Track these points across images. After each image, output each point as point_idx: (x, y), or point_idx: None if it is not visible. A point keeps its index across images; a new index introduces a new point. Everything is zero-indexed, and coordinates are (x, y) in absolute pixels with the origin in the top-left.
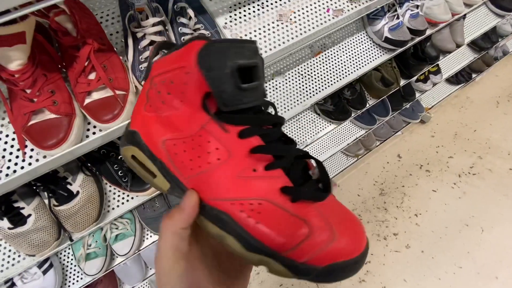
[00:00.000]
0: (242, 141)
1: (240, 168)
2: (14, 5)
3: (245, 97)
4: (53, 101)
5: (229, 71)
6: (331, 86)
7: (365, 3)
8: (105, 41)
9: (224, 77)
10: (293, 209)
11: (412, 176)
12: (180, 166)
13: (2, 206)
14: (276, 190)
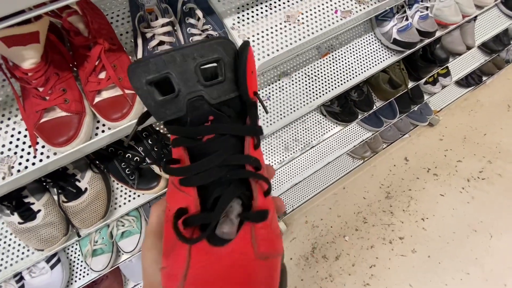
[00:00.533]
0: (173, 150)
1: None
2: (29, 5)
3: (167, 109)
4: (65, 99)
5: (145, 87)
6: (338, 87)
7: (374, 5)
8: (115, 41)
9: (145, 93)
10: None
11: (419, 179)
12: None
13: (13, 201)
14: (177, 207)
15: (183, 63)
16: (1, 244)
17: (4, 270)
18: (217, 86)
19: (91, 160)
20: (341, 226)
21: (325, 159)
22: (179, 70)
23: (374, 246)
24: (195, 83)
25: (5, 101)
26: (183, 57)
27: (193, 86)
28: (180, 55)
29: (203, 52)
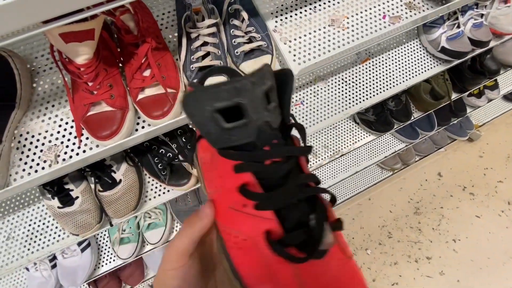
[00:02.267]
0: (236, 175)
1: (232, 200)
2: (88, 4)
3: (233, 135)
4: (111, 94)
5: (209, 115)
6: (376, 96)
7: (426, 11)
8: (161, 40)
9: (205, 120)
10: (272, 258)
11: (453, 197)
12: (206, 182)
13: (55, 187)
14: (260, 232)
15: (252, 90)
16: (41, 225)
17: (41, 250)
18: (274, 110)
19: (127, 153)
20: (363, 238)
21: (353, 168)
22: (250, 97)
23: (398, 263)
24: (262, 109)
25: (56, 92)
26: (252, 85)
27: (261, 112)
28: (250, 83)
29: (264, 79)
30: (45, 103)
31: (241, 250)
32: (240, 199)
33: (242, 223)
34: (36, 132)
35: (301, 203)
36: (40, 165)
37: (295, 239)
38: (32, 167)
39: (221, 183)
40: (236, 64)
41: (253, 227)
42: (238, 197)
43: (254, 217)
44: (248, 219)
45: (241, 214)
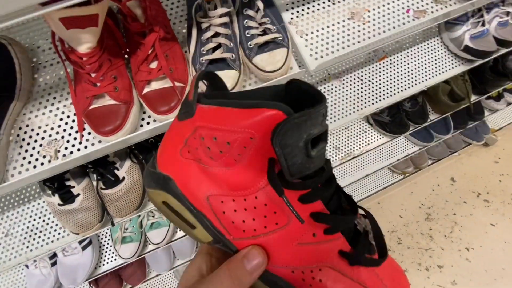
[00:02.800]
0: (303, 206)
1: (300, 234)
2: None
3: (313, 163)
4: (115, 87)
5: (303, 144)
6: (393, 96)
7: (453, 6)
8: (169, 29)
9: (297, 150)
10: (352, 273)
11: (466, 204)
12: (230, 226)
13: (56, 183)
14: (335, 254)
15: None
16: (41, 222)
17: (41, 247)
18: None
19: (131, 149)
20: None
21: (363, 171)
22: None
23: (407, 271)
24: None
25: (58, 83)
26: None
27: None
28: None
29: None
30: (46, 95)
31: (323, 282)
32: (308, 230)
33: (315, 254)
34: (36, 125)
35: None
36: (39, 161)
37: (365, 247)
38: (31, 162)
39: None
40: (249, 57)
41: (328, 253)
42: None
43: (326, 242)
44: (319, 247)
45: (312, 245)
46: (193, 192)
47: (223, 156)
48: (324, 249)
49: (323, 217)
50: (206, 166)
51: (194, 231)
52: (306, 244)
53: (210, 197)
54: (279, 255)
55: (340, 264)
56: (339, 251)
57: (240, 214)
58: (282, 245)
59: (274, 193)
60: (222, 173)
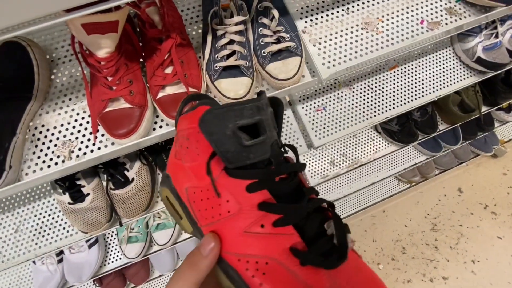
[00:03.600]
0: (250, 195)
1: (248, 223)
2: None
3: (251, 153)
4: (130, 91)
5: (230, 132)
6: (403, 105)
7: (467, 18)
8: (185, 36)
9: (225, 138)
10: (302, 273)
11: (473, 215)
12: (198, 214)
13: (67, 182)
14: (284, 250)
15: (267, 111)
16: (50, 220)
17: (49, 245)
18: (276, 131)
19: (141, 151)
20: (376, 252)
21: (369, 179)
22: (265, 117)
23: (411, 281)
24: (272, 128)
25: (74, 85)
26: (266, 106)
27: (272, 131)
28: (265, 104)
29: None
30: (62, 96)
31: (266, 275)
32: (257, 220)
33: (262, 245)
34: (52, 125)
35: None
36: (53, 160)
37: (321, 248)
38: (45, 162)
39: (228, 207)
40: (262, 65)
41: (276, 247)
42: (254, 218)
43: (275, 235)
44: (268, 240)
45: (260, 236)
46: (179, 186)
47: (189, 151)
48: (273, 242)
49: (269, 205)
50: (184, 162)
51: (182, 221)
52: (253, 233)
53: (188, 188)
54: (229, 241)
55: (290, 261)
56: (290, 247)
57: (205, 202)
58: (231, 232)
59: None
60: (191, 167)
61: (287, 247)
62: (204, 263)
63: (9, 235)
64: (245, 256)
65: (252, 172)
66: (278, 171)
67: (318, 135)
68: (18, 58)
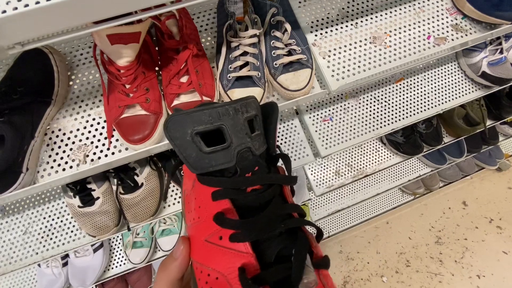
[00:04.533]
0: (213, 203)
1: (209, 232)
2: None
3: (213, 159)
4: (146, 98)
5: (189, 138)
6: (409, 117)
7: (473, 34)
8: (200, 47)
9: (186, 143)
10: None
11: (478, 229)
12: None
13: (78, 186)
14: (234, 268)
15: (234, 116)
16: (58, 223)
17: (57, 248)
18: (257, 138)
19: (151, 157)
20: (379, 264)
21: (374, 190)
22: (231, 123)
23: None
24: (244, 135)
25: (91, 91)
26: (235, 111)
27: (243, 138)
28: (232, 109)
29: (247, 108)
30: (80, 101)
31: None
32: (217, 230)
33: (216, 258)
34: (68, 130)
35: (282, 235)
36: (68, 164)
37: (273, 276)
38: (61, 165)
39: (198, 213)
40: (274, 76)
41: (227, 263)
42: (214, 227)
43: (229, 251)
44: (223, 254)
45: (216, 248)
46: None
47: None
48: (227, 257)
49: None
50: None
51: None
52: (212, 244)
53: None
54: (194, 247)
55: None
56: (240, 267)
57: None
58: (196, 238)
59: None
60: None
61: (237, 266)
62: (174, 264)
63: (17, 237)
64: (201, 265)
65: (215, 179)
66: (243, 180)
67: (324, 144)
68: (40, 65)
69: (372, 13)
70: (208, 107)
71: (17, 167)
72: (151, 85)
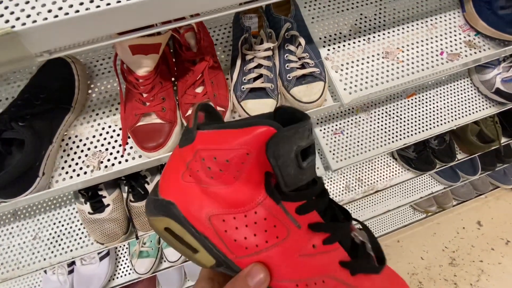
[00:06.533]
0: (300, 217)
1: (300, 245)
2: (161, 20)
3: (305, 175)
4: (162, 107)
5: (294, 155)
6: (421, 133)
7: (486, 51)
8: (216, 59)
9: (289, 161)
10: (354, 282)
11: (494, 251)
12: (232, 245)
13: (89, 192)
14: (336, 264)
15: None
16: (68, 229)
17: (65, 254)
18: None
19: (162, 165)
20: None
21: (385, 206)
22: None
23: None
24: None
25: (108, 100)
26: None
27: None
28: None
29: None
30: (97, 109)
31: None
32: (309, 241)
33: (317, 265)
34: (84, 136)
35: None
36: (83, 170)
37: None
38: (75, 170)
39: (276, 234)
40: (287, 88)
41: (328, 264)
42: (306, 239)
43: (324, 253)
44: (320, 259)
45: (313, 256)
46: (195, 214)
47: (223, 174)
48: (325, 260)
49: (320, 226)
50: (207, 186)
51: (197, 255)
52: (307, 256)
53: (212, 217)
54: (282, 269)
55: (342, 274)
56: (340, 261)
57: (242, 231)
58: (284, 259)
59: (273, 206)
60: (222, 192)
61: (337, 262)
62: None
63: (27, 242)
64: (303, 280)
65: (303, 193)
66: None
67: (335, 158)
68: (62, 73)
69: (384, 29)
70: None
71: (34, 171)
72: (167, 95)
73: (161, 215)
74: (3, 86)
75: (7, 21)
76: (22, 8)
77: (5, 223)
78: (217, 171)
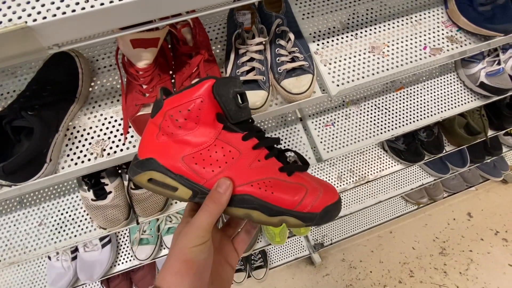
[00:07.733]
0: (245, 142)
1: (249, 161)
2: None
3: (243, 112)
4: None
5: (232, 96)
6: (408, 124)
7: (467, 46)
8: (211, 53)
9: (230, 100)
10: (292, 179)
11: (483, 241)
12: (202, 172)
13: (92, 180)
14: (276, 170)
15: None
16: (72, 215)
17: (69, 239)
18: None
19: None
20: (382, 273)
21: (377, 197)
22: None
23: None
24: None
25: (110, 92)
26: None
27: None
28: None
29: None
30: (99, 100)
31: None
32: (255, 158)
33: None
34: (88, 126)
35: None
36: (87, 157)
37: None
38: (80, 158)
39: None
40: (278, 80)
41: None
42: (252, 156)
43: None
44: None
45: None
46: (171, 161)
47: (187, 123)
48: (268, 168)
49: (258, 145)
50: (177, 136)
51: (176, 192)
52: (254, 167)
53: (184, 157)
54: (239, 178)
55: (281, 176)
56: (279, 168)
57: (207, 160)
58: (240, 171)
59: (227, 137)
60: (189, 137)
61: (276, 169)
62: (224, 198)
63: (33, 228)
64: (255, 181)
65: (246, 126)
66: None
67: (326, 148)
68: (67, 66)
69: (371, 25)
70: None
71: (42, 157)
72: (165, 86)
73: (144, 170)
74: (11, 79)
75: (20, 17)
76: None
77: (11, 210)
78: (183, 121)
